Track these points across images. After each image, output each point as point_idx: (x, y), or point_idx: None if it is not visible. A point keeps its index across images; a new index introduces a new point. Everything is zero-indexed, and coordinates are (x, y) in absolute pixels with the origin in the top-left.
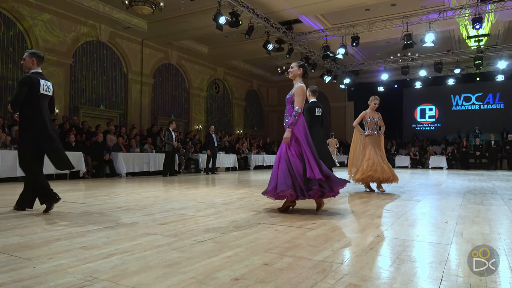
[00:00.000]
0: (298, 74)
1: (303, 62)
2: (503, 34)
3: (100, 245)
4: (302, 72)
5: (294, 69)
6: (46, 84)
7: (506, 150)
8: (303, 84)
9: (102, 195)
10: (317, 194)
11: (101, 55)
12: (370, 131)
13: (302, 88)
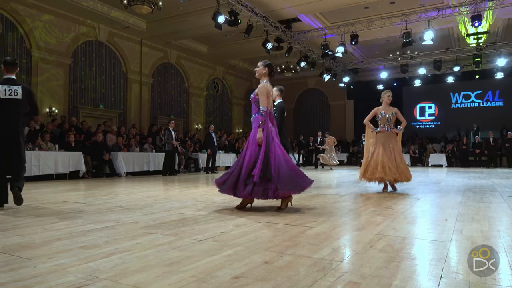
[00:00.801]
0: (263, 73)
1: (269, 62)
2: (502, 32)
3: (101, 245)
4: (268, 71)
5: (260, 68)
6: (10, 88)
7: (506, 147)
8: (268, 83)
9: (102, 195)
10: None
11: (100, 55)
12: (382, 128)
13: (265, 87)
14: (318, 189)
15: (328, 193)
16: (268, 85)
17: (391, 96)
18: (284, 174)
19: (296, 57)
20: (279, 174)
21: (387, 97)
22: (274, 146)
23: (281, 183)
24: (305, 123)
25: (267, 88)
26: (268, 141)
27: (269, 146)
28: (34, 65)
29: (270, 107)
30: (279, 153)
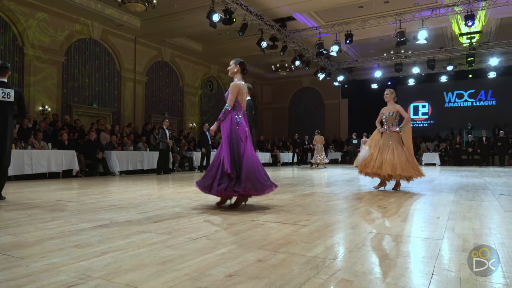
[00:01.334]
0: (235, 72)
1: (241, 60)
2: (494, 31)
3: (94, 244)
4: (240, 69)
5: (232, 66)
6: (3, 91)
7: (498, 146)
8: (240, 81)
9: (95, 194)
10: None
11: (94, 53)
12: (383, 128)
13: (236, 85)
14: (312, 187)
15: (321, 192)
16: (239, 84)
17: (387, 94)
18: (250, 173)
19: (291, 56)
20: (246, 173)
21: (385, 95)
22: (246, 144)
23: (246, 181)
24: (300, 122)
25: (238, 87)
26: (233, 139)
27: (236, 143)
28: (27, 64)
29: (244, 105)
30: (249, 152)
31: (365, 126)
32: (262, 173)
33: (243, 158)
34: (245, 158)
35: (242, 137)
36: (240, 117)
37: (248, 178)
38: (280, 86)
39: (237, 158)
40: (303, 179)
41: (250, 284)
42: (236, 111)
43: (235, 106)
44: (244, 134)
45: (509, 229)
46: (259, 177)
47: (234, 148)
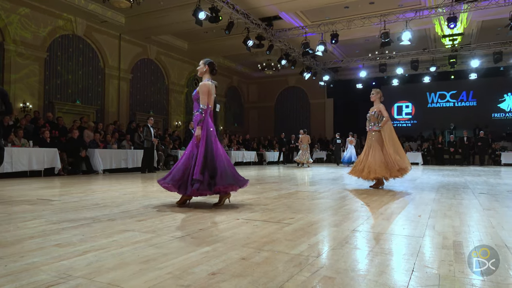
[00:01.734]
0: (204, 72)
1: (211, 60)
2: (476, 34)
3: (75, 243)
4: (209, 69)
5: (201, 66)
6: None
7: (478, 146)
8: (209, 81)
9: (78, 192)
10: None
11: (77, 49)
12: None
13: (205, 85)
14: (297, 186)
15: (306, 190)
16: (209, 84)
17: (372, 94)
18: (226, 171)
19: (277, 55)
20: (221, 171)
21: (370, 96)
22: (216, 144)
23: (223, 179)
24: (286, 121)
25: (208, 86)
26: (208, 139)
27: (211, 144)
28: (8, 59)
29: (212, 105)
30: (220, 151)
31: (350, 126)
32: (233, 169)
33: (217, 157)
34: (218, 158)
35: (213, 137)
36: (208, 117)
37: (225, 175)
38: (266, 85)
39: (210, 158)
40: (288, 178)
41: (233, 282)
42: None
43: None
44: (214, 133)
45: (487, 227)
46: (234, 172)
47: (208, 149)
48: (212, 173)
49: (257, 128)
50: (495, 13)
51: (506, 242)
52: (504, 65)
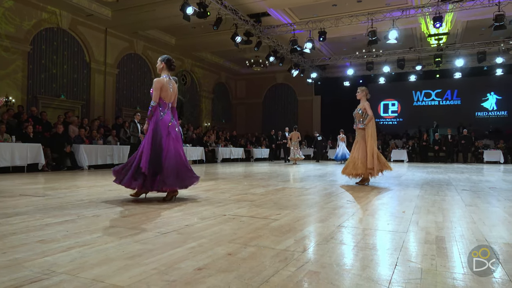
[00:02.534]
0: (162, 68)
1: (168, 57)
2: (461, 34)
3: (59, 239)
4: (166, 66)
5: (158, 64)
6: None
7: (461, 144)
8: (166, 77)
9: (62, 188)
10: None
11: (62, 43)
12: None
13: (158, 81)
14: (285, 182)
15: (294, 187)
16: (163, 80)
17: (358, 92)
18: (172, 169)
19: (265, 52)
20: (168, 168)
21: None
22: (168, 140)
23: (169, 177)
24: (273, 118)
25: (161, 82)
26: (156, 134)
27: (159, 139)
28: None
29: (169, 100)
30: (171, 147)
31: (337, 123)
32: (184, 167)
33: (165, 154)
34: (167, 154)
35: (163, 133)
36: (164, 113)
37: (171, 173)
38: (254, 81)
39: (158, 154)
40: (275, 174)
41: (219, 277)
42: (161, 107)
43: (159, 103)
44: (166, 130)
45: (468, 222)
46: (181, 171)
47: (156, 144)
48: (156, 170)
49: (245, 125)
50: (479, 14)
51: (486, 237)
52: (488, 65)
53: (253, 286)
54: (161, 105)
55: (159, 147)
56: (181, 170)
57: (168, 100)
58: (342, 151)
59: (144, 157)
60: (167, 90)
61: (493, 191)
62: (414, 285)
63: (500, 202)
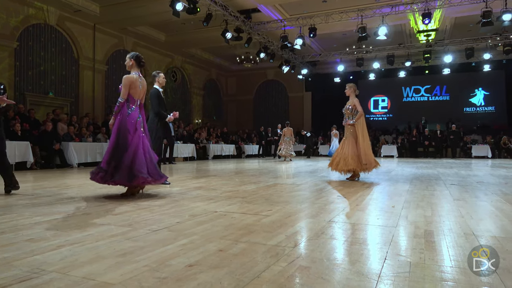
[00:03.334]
0: (131, 66)
1: (137, 54)
2: (449, 30)
3: (49, 237)
4: (135, 63)
5: (127, 61)
6: None
7: (450, 139)
8: (136, 74)
9: (51, 187)
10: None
11: (50, 39)
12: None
13: (128, 78)
14: (276, 179)
15: (285, 183)
16: (132, 77)
17: (346, 89)
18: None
19: (256, 48)
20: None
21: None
22: (133, 137)
23: (121, 173)
24: (264, 114)
25: (130, 80)
26: (121, 131)
27: (124, 134)
28: None
29: (138, 97)
30: (134, 144)
31: (328, 119)
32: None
33: (128, 149)
34: (130, 150)
35: (130, 129)
36: (131, 110)
37: (129, 169)
38: (245, 78)
39: (121, 149)
40: (267, 171)
41: (210, 273)
42: (128, 104)
43: (128, 99)
44: (132, 126)
45: (456, 216)
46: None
47: (120, 140)
48: (117, 164)
49: (236, 121)
50: (467, 10)
51: (474, 231)
52: (476, 61)
53: (245, 281)
54: (130, 101)
55: (123, 142)
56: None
57: (137, 96)
58: (335, 146)
59: (106, 152)
60: (136, 87)
61: (480, 186)
62: (403, 278)
63: (488, 196)
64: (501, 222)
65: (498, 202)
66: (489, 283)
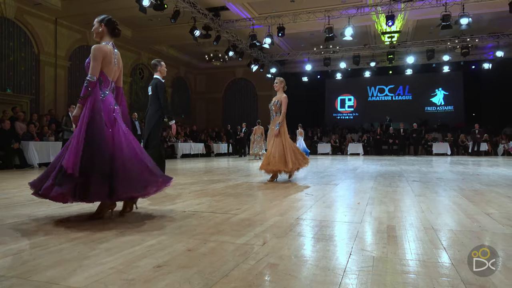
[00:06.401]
0: (100, 33)
1: (109, 17)
2: (412, 32)
3: (8, 241)
4: (106, 29)
5: (95, 26)
6: None
7: (413, 137)
8: (109, 45)
9: (10, 188)
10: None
11: (8, 34)
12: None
13: (98, 49)
14: (246, 177)
15: (254, 181)
16: (105, 48)
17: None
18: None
19: (225, 46)
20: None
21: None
22: (116, 129)
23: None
24: (234, 112)
25: (103, 50)
26: (94, 120)
27: (99, 126)
28: None
29: (113, 78)
30: (122, 141)
31: (296, 118)
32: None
33: (114, 150)
34: (117, 150)
35: (107, 121)
36: (104, 94)
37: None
38: (214, 76)
39: (97, 147)
40: (236, 169)
41: (179, 274)
42: (101, 86)
43: (100, 79)
44: (110, 115)
45: (417, 211)
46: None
47: (94, 134)
48: (96, 170)
49: (205, 119)
50: (428, 13)
51: (433, 225)
52: (436, 62)
53: (213, 280)
54: (103, 82)
55: (99, 137)
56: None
57: (111, 76)
58: (302, 145)
59: (72, 152)
60: (110, 63)
61: (440, 182)
62: (367, 272)
63: (446, 192)
64: (458, 216)
65: (456, 198)
66: (446, 274)
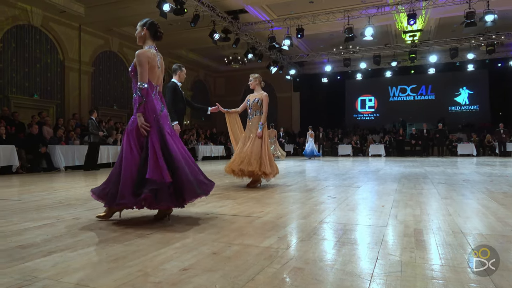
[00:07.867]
0: (143, 37)
1: (151, 20)
2: (434, 30)
3: (39, 243)
4: (149, 33)
5: (138, 30)
6: None
7: (436, 138)
8: (152, 49)
9: (39, 191)
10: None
11: (34, 41)
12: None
13: (145, 54)
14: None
15: (275, 184)
16: (149, 52)
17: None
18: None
19: (244, 49)
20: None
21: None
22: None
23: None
24: None
25: (148, 55)
26: (161, 129)
27: (164, 135)
28: None
29: (157, 82)
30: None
31: (315, 119)
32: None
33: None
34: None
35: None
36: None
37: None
38: (233, 78)
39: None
40: None
41: (204, 277)
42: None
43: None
44: (166, 122)
45: (444, 215)
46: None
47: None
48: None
49: (225, 122)
50: (451, 11)
51: (461, 229)
52: (460, 61)
53: (239, 284)
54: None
55: (165, 145)
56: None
57: (155, 81)
58: (311, 147)
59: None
60: (154, 67)
61: (467, 184)
62: (395, 277)
63: (474, 194)
64: (488, 220)
65: (484, 200)
66: (477, 281)
